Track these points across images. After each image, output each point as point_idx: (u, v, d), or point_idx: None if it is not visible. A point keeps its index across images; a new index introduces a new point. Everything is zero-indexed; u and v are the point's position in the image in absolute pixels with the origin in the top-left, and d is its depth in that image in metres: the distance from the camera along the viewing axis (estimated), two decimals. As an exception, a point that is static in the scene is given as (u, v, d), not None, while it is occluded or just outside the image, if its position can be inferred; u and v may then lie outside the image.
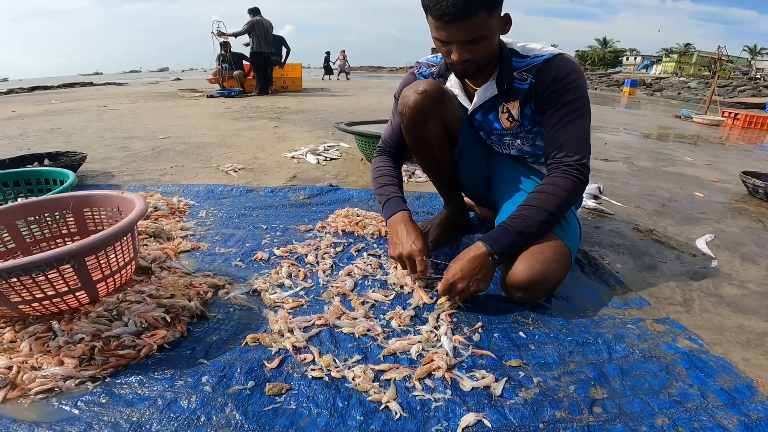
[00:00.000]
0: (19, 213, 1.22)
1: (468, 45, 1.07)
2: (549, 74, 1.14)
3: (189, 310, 1.05)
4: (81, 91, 10.97)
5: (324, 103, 6.89)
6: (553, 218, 1.12)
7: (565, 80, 1.13)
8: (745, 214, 2.06)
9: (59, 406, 0.79)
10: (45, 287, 0.93)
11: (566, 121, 1.14)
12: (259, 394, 0.82)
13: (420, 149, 1.37)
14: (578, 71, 1.15)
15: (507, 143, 1.35)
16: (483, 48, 1.09)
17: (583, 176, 1.14)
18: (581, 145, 1.15)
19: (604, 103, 10.50)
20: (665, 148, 4.05)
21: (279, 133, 3.83)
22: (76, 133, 3.84)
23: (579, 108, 1.14)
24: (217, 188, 2.08)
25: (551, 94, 1.15)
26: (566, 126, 1.14)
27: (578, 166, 1.13)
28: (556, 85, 1.14)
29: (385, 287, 1.22)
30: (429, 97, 1.23)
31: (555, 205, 1.11)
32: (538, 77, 1.16)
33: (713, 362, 0.95)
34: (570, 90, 1.13)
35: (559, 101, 1.15)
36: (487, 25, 1.04)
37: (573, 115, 1.14)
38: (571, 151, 1.14)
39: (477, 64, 1.12)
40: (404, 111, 1.27)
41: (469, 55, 1.09)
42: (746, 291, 1.31)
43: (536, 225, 1.10)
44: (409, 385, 0.86)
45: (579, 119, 1.15)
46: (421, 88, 1.23)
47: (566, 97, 1.14)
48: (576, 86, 1.14)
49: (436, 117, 1.28)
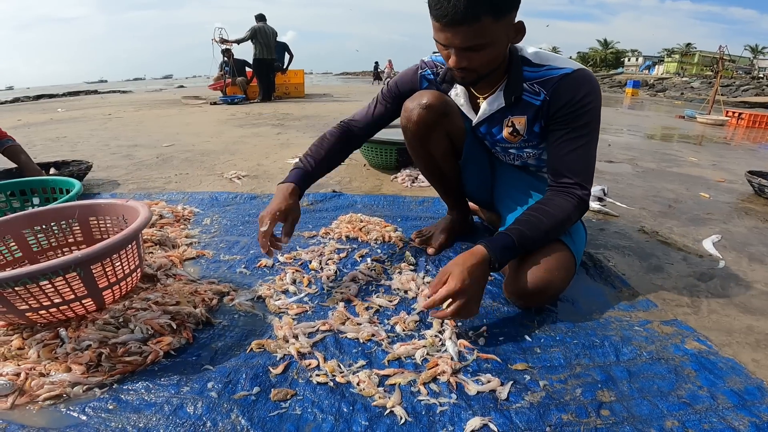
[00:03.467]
0: (26, 222, 1.23)
1: (467, 52, 0.98)
2: (566, 93, 1.06)
3: (194, 317, 1.05)
4: (86, 99, 11.08)
5: (327, 108, 6.92)
6: (548, 239, 1.08)
7: (581, 102, 1.05)
8: (752, 214, 2.05)
9: (67, 412, 0.79)
10: (52, 295, 0.94)
11: (576, 145, 1.08)
12: (264, 400, 0.82)
13: (423, 162, 1.36)
14: (596, 91, 1.08)
15: (512, 155, 1.30)
16: (484, 57, 1.00)
17: (585, 204, 1.11)
18: (588, 172, 1.11)
19: (607, 104, 10.47)
20: (669, 148, 4.04)
21: (282, 139, 3.85)
22: (82, 141, 3.88)
23: (590, 132, 1.09)
24: (222, 195, 2.09)
25: (565, 115, 1.08)
26: (575, 151, 1.08)
27: (583, 193, 1.09)
28: (571, 107, 1.06)
29: (389, 292, 1.22)
30: (433, 111, 1.20)
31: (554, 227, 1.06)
32: (553, 95, 1.08)
33: (722, 363, 0.94)
34: (585, 113, 1.06)
35: (571, 124, 1.08)
36: (492, 32, 0.95)
37: (583, 140, 1.08)
38: (578, 178, 1.08)
39: (476, 74, 1.04)
40: (408, 126, 1.24)
41: (467, 62, 1.00)
42: (754, 291, 1.30)
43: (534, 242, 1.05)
44: (414, 389, 0.85)
45: (588, 144, 1.09)
46: (425, 101, 1.19)
47: (580, 121, 1.07)
48: (591, 109, 1.07)
49: (441, 130, 1.26)
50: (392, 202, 2.02)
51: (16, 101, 11.21)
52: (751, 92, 16.79)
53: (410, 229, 1.66)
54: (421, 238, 1.53)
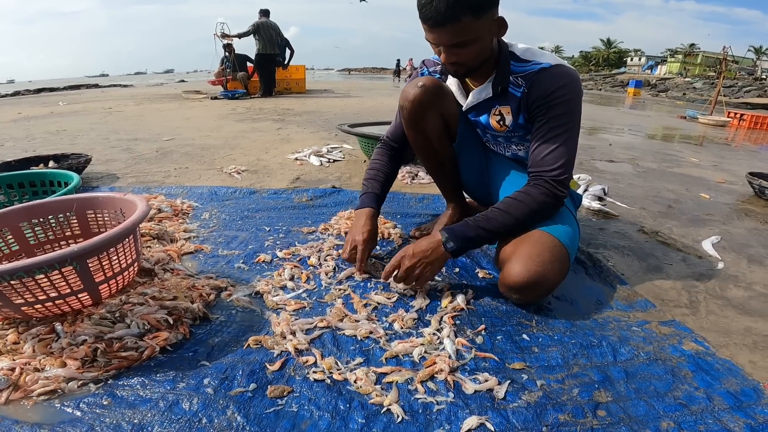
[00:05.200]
0: (23, 215, 1.22)
1: (454, 48, 1.09)
2: (540, 86, 1.13)
3: (191, 312, 1.05)
4: (87, 93, 11.04)
5: (327, 104, 6.90)
6: (518, 225, 1.14)
7: (555, 94, 1.11)
8: (752, 216, 2.04)
9: (61, 408, 0.79)
10: (48, 289, 0.93)
11: (551, 136, 1.13)
12: (260, 397, 0.82)
13: (420, 143, 1.39)
14: (572, 85, 1.13)
15: (502, 144, 1.36)
16: (471, 51, 1.10)
17: (558, 191, 1.13)
18: (562, 162, 1.13)
19: (608, 104, 10.46)
20: (671, 149, 4.03)
21: (282, 134, 3.84)
22: (82, 135, 3.87)
23: (565, 124, 1.13)
24: (221, 190, 2.09)
25: (539, 106, 1.14)
26: (550, 141, 1.14)
27: (554, 182, 1.13)
28: (545, 98, 1.12)
29: (388, 290, 1.21)
30: (427, 90, 1.27)
31: (523, 213, 1.13)
32: (530, 87, 1.15)
33: (719, 365, 0.94)
34: (559, 104, 1.12)
35: (546, 114, 1.14)
36: (474, 30, 1.05)
37: (558, 131, 1.13)
38: (551, 167, 1.13)
39: (466, 67, 1.14)
40: (404, 105, 1.31)
41: (456, 57, 1.11)
42: (753, 293, 1.30)
43: (499, 227, 1.13)
44: (411, 387, 0.85)
45: (564, 134, 1.13)
46: (420, 83, 1.28)
47: (554, 111, 1.13)
48: (566, 101, 1.12)
49: (435, 111, 1.31)
50: (392, 199, 2.01)
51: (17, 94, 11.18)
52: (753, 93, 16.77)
53: (410, 225, 1.66)
54: (420, 235, 1.54)
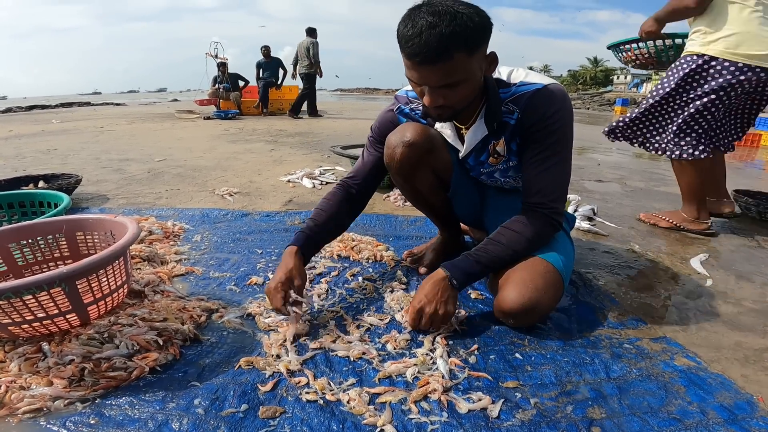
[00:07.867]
0: (12, 236, 1.21)
1: (443, 89, 0.96)
2: (536, 110, 1.07)
3: (182, 333, 1.03)
4: (78, 111, 11.05)
5: (320, 125, 6.96)
6: (516, 257, 1.13)
7: (552, 119, 1.06)
8: (739, 233, 2.08)
9: (47, 426, 0.78)
10: (35, 310, 0.92)
11: (547, 165, 1.10)
12: (252, 417, 0.81)
13: (410, 196, 1.36)
14: (567, 107, 1.09)
15: (498, 180, 1.30)
16: (460, 93, 0.97)
17: (555, 222, 1.14)
18: (558, 192, 1.13)
19: (596, 123, 10.65)
20: (658, 167, 4.10)
21: (275, 156, 3.86)
22: (73, 154, 3.86)
23: (562, 149, 1.10)
24: (213, 212, 2.08)
25: (536, 132, 1.09)
26: (545, 170, 1.10)
27: (551, 213, 1.13)
28: (542, 123, 1.07)
29: (381, 311, 1.21)
30: (417, 148, 1.17)
31: (522, 247, 1.12)
32: (524, 111, 1.08)
33: (712, 379, 0.95)
34: (555, 131, 1.08)
35: (542, 142, 1.09)
36: (466, 68, 0.93)
37: (554, 159, 1.10)
38: (547, 198, 1.12)
39: (452, 110, 1.02)
40: (391, 164, 1.22)
41: (443, 100, 0.97)
42: (742, 308, 1.31)
43: (497, 262, 1.12)
44: (404, 407, 0.84)
45: (560, 164, 1.11)
46: (408, 139, 1.15)
47: (550, 139, 1.08)
48: (561, 126, 1.08)
49: (426, 168, 1.24)
50: (384, 221, 2.02)
51: (8, 111, 11.15)
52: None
53: (402, 248, 1.65)
54: (412, 258, 1.53)
